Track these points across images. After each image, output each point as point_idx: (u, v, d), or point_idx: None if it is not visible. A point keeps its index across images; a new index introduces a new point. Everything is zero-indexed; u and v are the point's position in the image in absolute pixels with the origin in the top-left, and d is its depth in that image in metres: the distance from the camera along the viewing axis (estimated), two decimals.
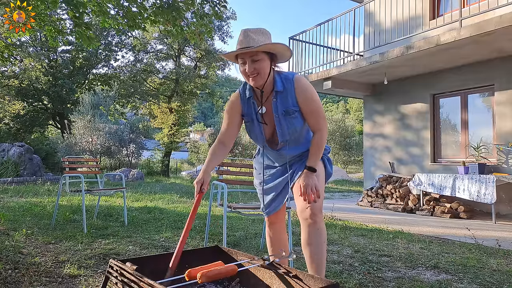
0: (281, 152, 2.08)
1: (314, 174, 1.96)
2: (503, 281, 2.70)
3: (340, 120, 24.81)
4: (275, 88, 1.94)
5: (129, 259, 1.64)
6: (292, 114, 1.95)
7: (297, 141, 2.06)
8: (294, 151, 2.08)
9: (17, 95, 19.16)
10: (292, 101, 1.95)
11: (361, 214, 6.45)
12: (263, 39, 1.86)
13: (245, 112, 2.05)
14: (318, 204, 1.93)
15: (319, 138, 1.97)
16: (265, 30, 1.90)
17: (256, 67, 1.85)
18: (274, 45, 1.85)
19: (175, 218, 5.11)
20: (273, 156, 2.16)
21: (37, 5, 4.37)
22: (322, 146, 1.98)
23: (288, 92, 1.94)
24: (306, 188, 1.91)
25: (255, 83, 1.89)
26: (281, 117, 1.96)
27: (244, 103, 2.05)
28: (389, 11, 7.37)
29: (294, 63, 8.97)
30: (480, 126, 6.91)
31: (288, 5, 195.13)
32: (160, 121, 21.74)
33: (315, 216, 1.92)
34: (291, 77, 1.96)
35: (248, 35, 1.84)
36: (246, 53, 1.85)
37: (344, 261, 3.17)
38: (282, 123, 1.98)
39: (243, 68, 1.89)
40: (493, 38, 5.49)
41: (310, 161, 1.98)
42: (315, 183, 1.93)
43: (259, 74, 1.87)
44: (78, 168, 5.65)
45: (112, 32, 20.01)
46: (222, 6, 5.44)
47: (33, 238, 3.62)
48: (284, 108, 1.95)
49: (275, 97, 1.96)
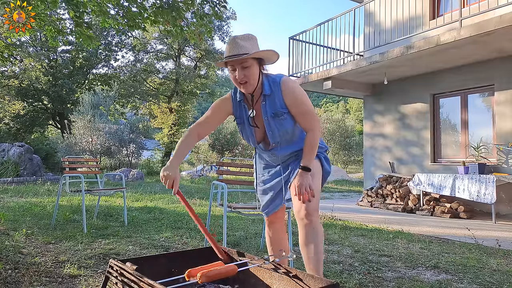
0: (273, 152, 2.11)
1: (309, 173, 1.98)
2: (503, 281, 2.70)
3: (340, 120, 24.78)
4: (263, 91, 1.98)
5: (129, 259, 1.64)
6: (281, 116, 1.99)
7: (290, 140, 2.08)
8: (286, 150, 2.10)
9: (17, 95, 19.18)
10: (280, 103, 1.98)
11: (361, 214, 6.45)
12: (250, 45, 1.91)
13: (237, 114, 2.09)
14: (314, 204, 1.97)
15: (312, 138, 1.99)
16: (252, 36, 1.96)
17: (246, 73, 1.90)
18: (262, 52, 1.92)
19: (175, 218, 5.11)
20: (267, 156, 2.19)
21: (37, 5, 4.37)
22: (316, 145, 2.00)
23: (275, 95, 1.98)
24: (300, 188, 1.94)
25: (245, 89, 1.95)
26: (270, 119, 2.00)
27: (236, 105, 2.09)
28: (389, 11, 7.37)
29: (294, 63, 8.97)
30: (480, 126, 6.90)
31: (288, 5, 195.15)
32: (160, 121, 21.76)
33: (311, 216, 1.95)
34: (278, 80, 1.99)
35: (236, 43, 1.89)
36: (235, 61, 1.89)
37: (344, 261, 3.17)
38: (271, 126, 2.01)
39: (233, 75, 1.93)
40: (493, 38, 5.49)
41: (304, 161, 2.00)
42: (309, 182, 1.95)
43: (249, 81, 1.92)
44: (78, 168, 5.66)
45: (112, 32, 20.03)
46: (222, 6, 5.44)
47: (33, 238, 3.62)
48: (272, 110, 1.99)
49: (263, 100, 2.00)
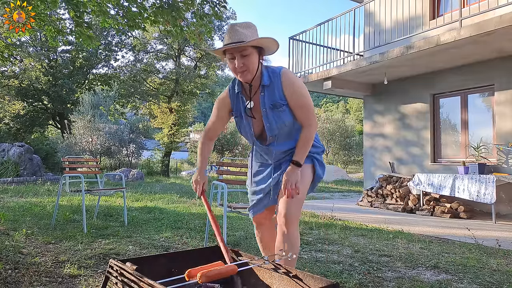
0: (270, 148, 2.06)
1: (299, 169, 1.96)
2: (503, 281, 2.70)
3: (340, 120, 24.80)
4: (262, 82, 1.94)
5: (129, 259, 1.64)
6: (279, 108, 1.94)
7: (287, 136, 2.03)
8: (283, 147, 2.06)
9: (17, 95, 19.17)
10: (279, 95, 1.94)
11: (361, 214, 6.45)
12: (250, 33, 1.85)
13: (234, 107, 2.06)
14: (295, 212, 1.96)
15: (308, 133, 1.96)
16: (252, 24, 1.91)
17: (245, 62, 1.85)
18: (262, 40, 1.86)
19: (175, 218, 5.11)
20: (263, 152, 2.14)
21: (37, 5, 4.37)
22: (310, 141, 1.98)
23: (275, 86, 1.94)
24: (287, 183, 1.93)
25: (244, 78, 1.90)
26: (269, 111, 1.96)
27: (233, 99, 2.06)
28: (389, 11, 7.37)
29: (294, 63, 8.97)
30: (480, 126, 6.91)
31: (288, 5, 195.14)
32: (160, 121, 21.74)
33: (289, 226, 1.93)
34: (278, 71, 1.95)
35: (236, 30, 1.84)
36: (235, 48, 1.84)
37: (344, 261, 3.17)
38: (269, 117, 1.96)
39: (232, 63, 1.88)
40: (493, 38, 5.50)
41: (297, 156, 1.97)
42: (297, 179, 1.94)
43: (248, 69, 1.87)
44: (78, 168, 5.65)
45: (112, 32, 20.01)
46: (222, 6, 5.44)
47: (33, 238, 3.62)
48: (271, 102, 1.94)
49: (262, 91, 1.96)
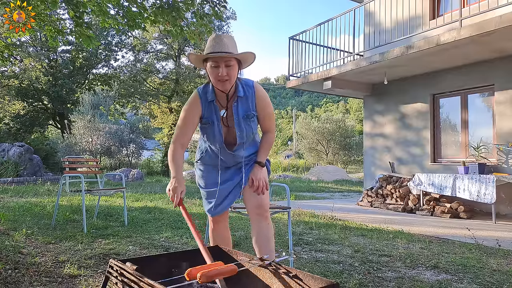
0: (236, 153, 2.19)
1: (264, 168, 2.20)
2: (503, 281, 2.70)
3: (340, 120, 24.78)
4: (237, 93, 2.08)
5: (129, 259, 1.64)
6: (251, 118, 2.12)
7: (251, 142, 2.23)
8: (248, 151, 2.23)
9: (17, 95, 19.18)
10: (252, 106, 2.11)
11: (361, 214, 6.45)
12: (232, 45, 1.99)
13: (205, 115, 2.12)
14: (267, 201, 2.20)
15: (271, 138, 2.25)
16: (232, 36, 2.06)
17: (229, 72, 1.96)
18: (247, 54, 1.99)
19: (175, 218, 5.11)
20: (226, 157, 2.20)
21: (37, 5, 4.37)
22: (272, 144, 2.26)
23: (248, 98, 2.10)
24: (259, 181, 2.13)
25: (223, 87, 2.00)
26: (242, 120, 2.10)
27: (205, 106, 2.11)
28: (389, 11, 7.36)
29: (294, 63, 8.98)
30: (480, 126, 6.90)
31: (288, 5, 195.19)
32: (160, 121, 21.76)
33: (267, 212, 2.17)
34: (251, 84, 2.13)
35: (222, 40, 1.97)
36: (221, 58, 1.94)
37: (344, 261, 3.18)
38: (241, 126, 2.11)
39: (215, 71, 1.96)
40: (493, 38, 5.49)
41: (261, 157, 2.20)
42: (264, 176, 2.17)
43: (230, 79, 1.98)
44: (78, 168, 5.65)
45: (112, 32, 20.01)
46: (222, 6, 5.43)
47: (33, 238, 3.62)
48: (244, 112, 2.10)
49: (236, 102, 2.09)
